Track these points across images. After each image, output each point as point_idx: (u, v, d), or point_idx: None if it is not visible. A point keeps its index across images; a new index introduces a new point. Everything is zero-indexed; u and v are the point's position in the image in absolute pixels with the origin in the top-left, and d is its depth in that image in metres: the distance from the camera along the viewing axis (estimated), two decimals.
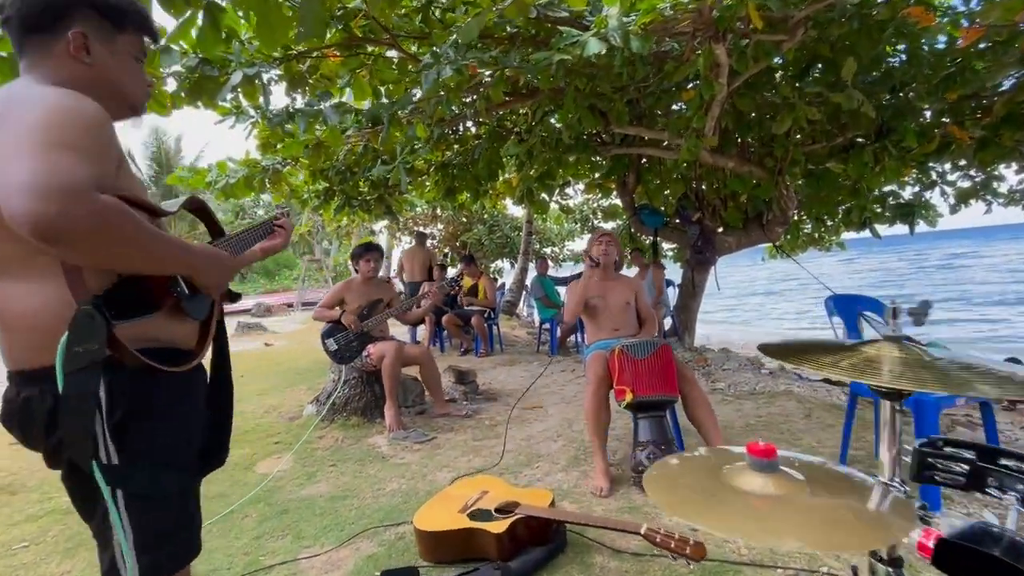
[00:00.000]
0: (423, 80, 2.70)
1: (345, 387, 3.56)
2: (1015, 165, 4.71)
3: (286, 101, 3.50)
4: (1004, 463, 0.73)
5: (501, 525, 1.70)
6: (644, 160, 5.58)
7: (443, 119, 4.31)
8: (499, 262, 13.53)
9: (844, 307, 2.42)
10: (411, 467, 2.72)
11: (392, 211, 5.85)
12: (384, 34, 3.16)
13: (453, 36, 2.80)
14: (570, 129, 4.19)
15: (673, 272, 6.65)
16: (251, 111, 3.53)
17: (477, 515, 1.78)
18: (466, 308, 6.37)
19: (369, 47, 3.39)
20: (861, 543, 0.64)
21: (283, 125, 3.39)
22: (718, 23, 2.85)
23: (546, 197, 5.75)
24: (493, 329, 6.59)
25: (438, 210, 11.70)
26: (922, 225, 5.65)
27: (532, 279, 7.12)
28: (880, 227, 5.64)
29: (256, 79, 2.92)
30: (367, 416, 3.50)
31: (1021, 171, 4.85)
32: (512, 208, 12.05)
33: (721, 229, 5.51)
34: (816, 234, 6.93)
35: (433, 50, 2.78)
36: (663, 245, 7.29)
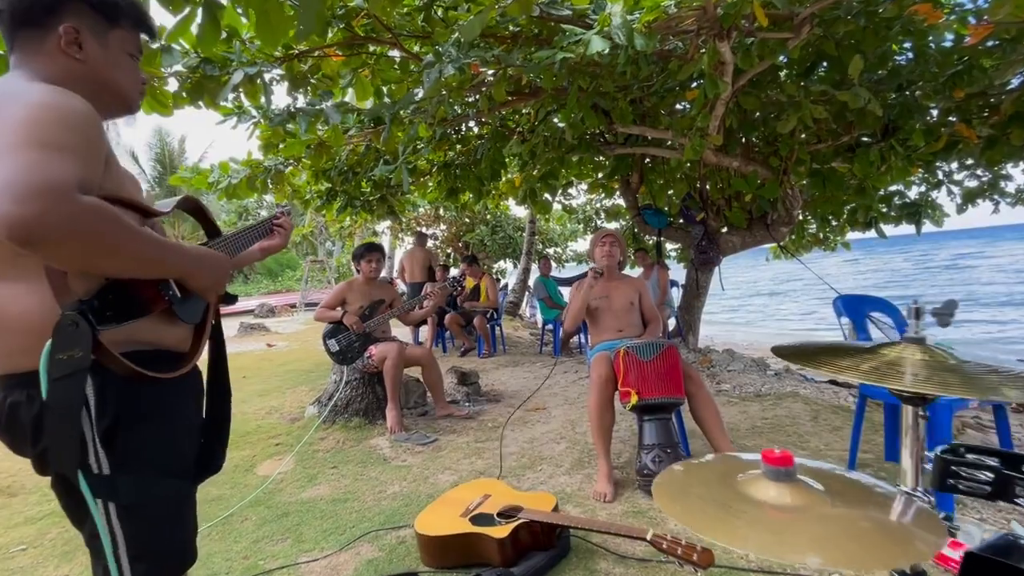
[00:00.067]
0: (425, 79, 2.67)
1: (347, 388, 3.54)
2: (1023, 164, 4.66)
3: (288, 101, 3.48)
4: None
5: (504, 530, 1.67)
6: (648, 160, 5.54)
7: (445, 119, 4.29)
8: (502, 263, 13.51)
9: (853, 308, 2.38)
10: (413, 469, 2.69)
11: (394, 211, 5.83)
12: (386, 33, 3.14)
13: (455, 34, 2.78)
14: (573, 128, 4.15)
15: (677, 273, 6.61)
16: (253, 111, 3.51)
17: (479, 519, 1.75)
18: (469, 310, 6.34)
19: (371, 46, 3.37)
20: (887, 560, 0.59)
21: (284, 125, 3.37)
22: (723, 20, 2.82)
23: (549, 197, 5.72)
24: (496, 330, 6.56)
25: (441, 211, 11.69)
26: (927, 225, 5.61)
27: (535, 280, 7.09)
28: (886, 227, 5.60)
29: (258, 79, 2.90)
30: (369, 418, 3.48)
31: None
32: (515, 208, 12.04)
33: (725, 229, 5.47)
34: (821, 234, 6.88)
35: (435, 48, 2.76)
36: (667, 245, 7.25)
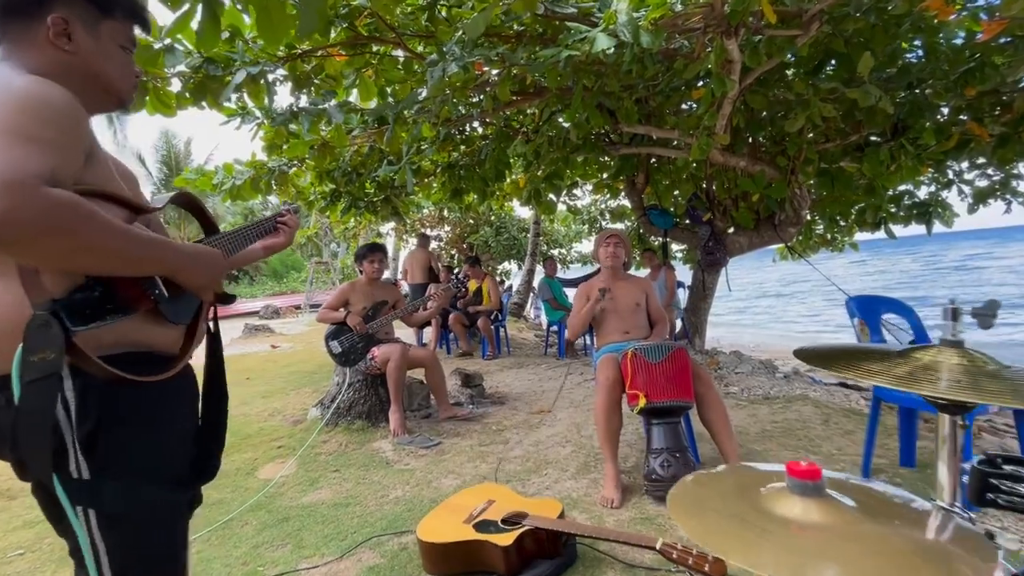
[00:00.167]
0: (428, 77, 2.64)
1: (349, 390, 3.50)
2: None
3: (290, 101, 3.46)
4: None
5: (508, 537, 1.62)
6: (653, 160, 5.49)
7: (449, 119, 4.26)
8: (506, 264, 13.48)
9: (866, 308, 2.32)
10: (416, 473, 2.66)
11: (398, 212, 5.81)
12: (390, 33, 3.11)
13: (459, 32, 2.75)
14: (578, 128, 4.11)
15: (682, 274, 6.55)
16: (257, 112, 3.49)
17: (483, 526, 1.71)
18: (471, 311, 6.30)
19: (375, 46, 3.35)
20: None
21: (287, 125, 3.34)
22: (730, 18, 2.77)
23: (553, 198, 5.68)
24: (500, 331, 6.52)
25: (445, 212, 11.67)
26: (936, 225, 5.53)
27: (539, 281, 7.04)
28: (895, 227, 5.52)
29: (260, 79, 2.88)
30: (371, 420, 3.44)
31: None
32: (519, 210, 12.01)
33: (732, 230, 5.41)
34: (828, 235, 6.80)
35: (439, 47, 2.73)
36: (672, 246, 7.20)
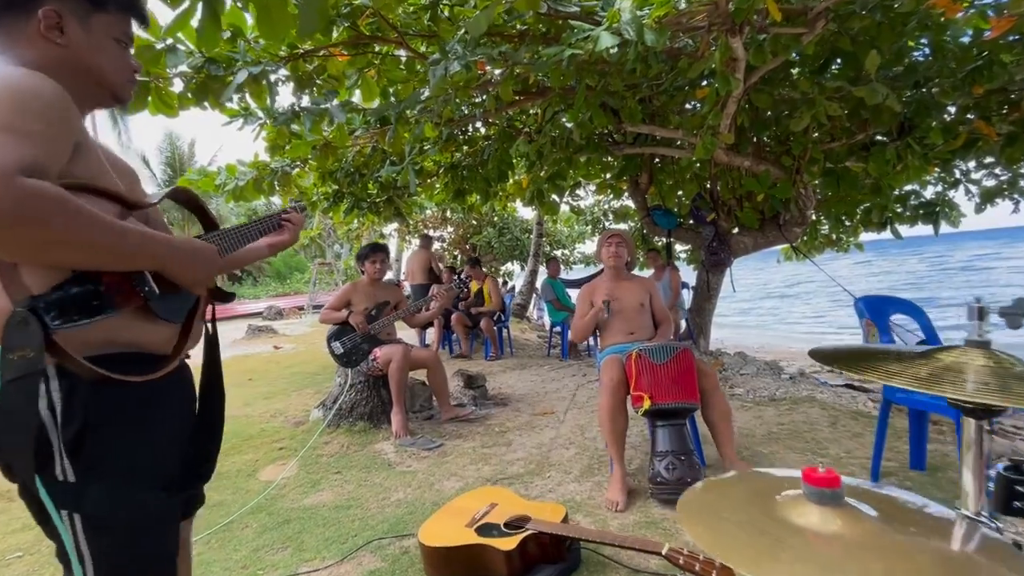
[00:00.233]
0: (430, 76, 2.62)
1: (351, 391, 3.48)
2: None
3: (292, 101, 3.45)
4: None
5: (511, 542, 1.59)
6: (657, 160, 5.46)
7: (452, 119, 4.24)
8: (509, 265, 13.46)
9: (875, 309, 2.29)
10: (418, 475, 2.63)
11: (401, 213, 5.79)
12: (392, 32, 3.09)
13: (461, 31, 2.73)
14: (581, 128, 4.08)
15: (686, 274, 6.52)
16: (259, 113, 3.48)
17: (485, 530, 1.68)
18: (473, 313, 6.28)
19: (377, 46, 3.33)
20: None
21: (289, 124, 3.33)
22: (735, 15, 2.74)
23: (556, 198, 5.65)
24: (503, 332, 6.50)
25: (448, 213, 11.66)
26: (943, 226, 5.47)
27: (543, 281, 7.01)
28: (901, 228, 5.47)
29: (262, 79, 2.86)
30: (374, 421, 3.42)
31: None
32: (522, 210, 12.00)
33: (736, 230, 5.37)
34: (834, 235, 6.75)
35: (441, 46, 2.71)
36: (676, 247, 7.15)
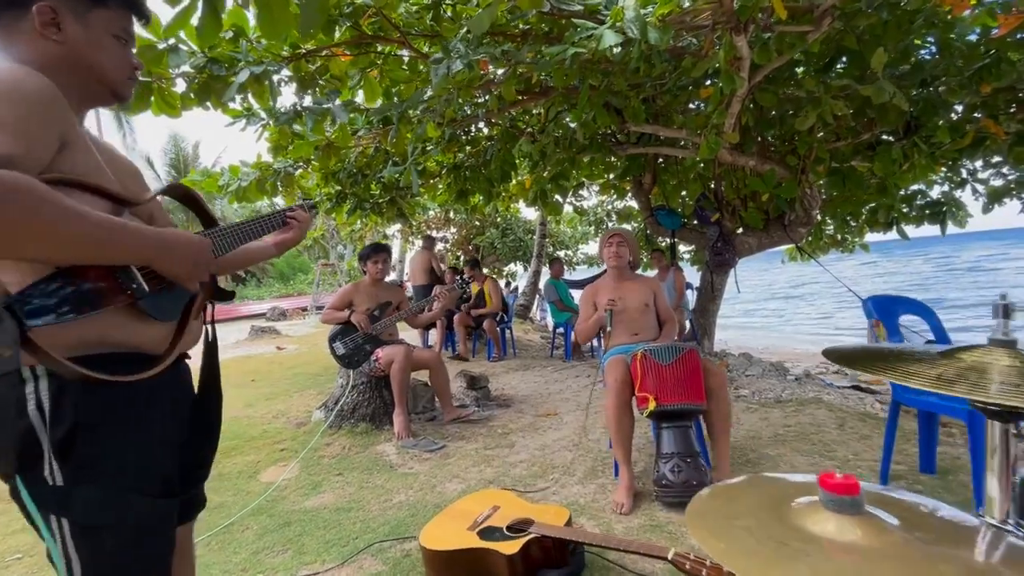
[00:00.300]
0: (433, 75, 2.60)
1: (353, 392, 3.47)
2: None
3: (294, 101, 3.44)
4: None
5: (514, 545, 1.57)
6: (661, 160, 5.43)
7: (455, 119, 4.23)
8: (512, 265, 13.45)
9: (884, 309, 2.25)
10: (420, 477, 2.61)
11: (404, 214, 5.78)
12: (394, 32, 3.08)
13: (464, 29, 2.71)
14: (584, 128, 4.06)
15: (690, 275, 6.48)
16: (262, 113, 3.47)
17: (487, 533, 1.66)
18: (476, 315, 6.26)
19: (379, 46, 3.31)
20: None
21: (291, 123, 3.32)
22: (739, 13, 2.72)
23: (560, 199, 5.63)
24: (506, 333, 6.47)
25: (451, 214, 11.65)
26: (950, 226, 5.42)
27: (545, 282, 6.99)
28: (907, 228, 5.42)
29: (264, 79, 2.85)
30: (375, 423, 3.40)
31: None
32: (525, 211, 11.97)
33: (741, 230, 5.33)
34: (839, 235, 6.70)
35: (443, 44, 2.69)
36: (680, 247, 7.12)
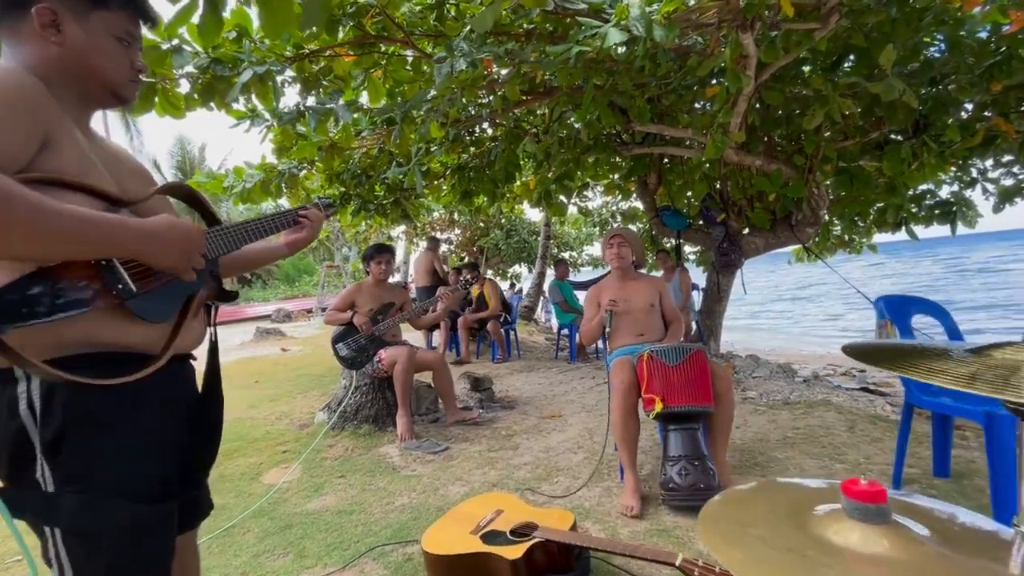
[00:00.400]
0: (436, 74, 2.58)
1: (356, 394, 3.45)
2: None
3: (298, 102, 3.43)
4: None
5: (517, 550, 1.54)
6: (666, 160, 5.39)
7: (458, 119, 4.21)
8: (516, 267, 13.43)
9: (897, 309, 2.21)
10: (422, 480, 2.58)
11: (408, 215, 5.76)
12: (398, 32, 3.06)
13: (467, 28, 2.69)
14: (589, 128, 4.03)
15: (696, 276, 6.43)
16: (266, 115, 3.47)
17: (491, 537, 1.63)
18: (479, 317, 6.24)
19: (383, 46, 3.30)
20: None
21: (294, 124, 3.31)
22: (746, 11, 2.68)
23: (564, 200, 5.59)
24: (510, 334, 6.44)
25: (455, 215, 11.65)
26: (959, 227, 5.35)
27: (550, 283, 6.96)
28: (916, 228, 5.35)
29: (268, 79, 2.84)
30: (378, 424, 3.37)
31: None
32: (529, 212, 11.96)
33: (747, 230, 5.28)
34: (846, 236, 6.63)
35: (447, 43, 2.67)
36: (685, 248, 7.07)
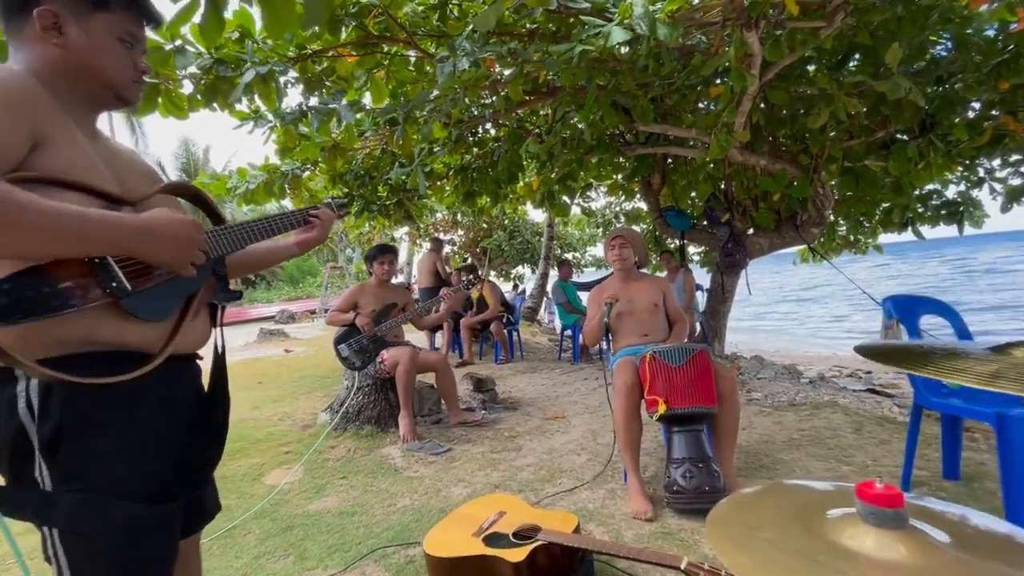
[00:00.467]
0: (439, 73, 2.57)
1: (359, 394, 3.44)
2: None
3: (300, 102, 3.43)
4: None
5: (520, 553, 1.52)
6: (670, 160, 5.37)
7: (461, 120, 4.20)
8: (520, 268, 13.42)
9: (905, 309, 2.18)
10: (425, 481, 2.57)
11: (411, 216, 5.76)
12: (401, 32, 3.06)
13: (470, 27, 2.68)
14: (592, 128, 4.02)
15: (700, 277, 6.40)
16: (269, 116, 3.47)
17: (493, 540, 1.61)
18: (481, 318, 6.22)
19: (385, 46, 3.30)
20: None
21: (297, 124, 3.30)
22: (750, 9, 2.66)
23: (567, 200, 5.58)
24: (513, 335, 6.42)
25: (458, 216, 11.64)
26: (966, 227, 5.30)
27: (553, 284, 6.94)
28: (923, 228, 5.31)
29: (270, 79, 2.84)
30: (381, 425, 3.36)
31: None
32: (533, 213, 11.95)
33: (752, 231, 5.25)
34: (852, 236, 6.58)
35: (449, 43, 2.66)
36: (689, 249, 7.04)
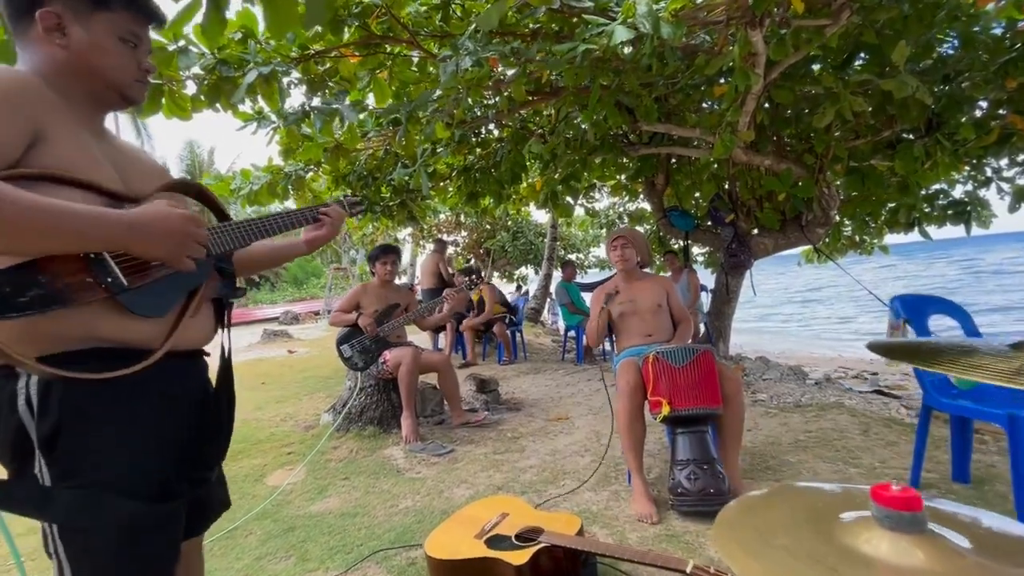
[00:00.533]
0: (441, 72, 2.56)
1: (361, 395, 3.43)
2: None
3: (303, 102, 3.43)
4: None
5: (522, 555, 1.50)
6: (674, 160, 5.35)
7: (464, 120, 4.19)
8: (523, 268, 13.41)
9: (914, 309, 2.16)
10: (427, 482, 2.55)
11: (414, 217, 5.76)
12: (403, 32, 3.05)
13: (473, 26, 2.67)
14: (596, 128, 4.00)
15: (704, 278, 6.37)
16: (272, 116, 3.47)
17: (495, 542, 1.59)
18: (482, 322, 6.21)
19: (388, 46, 3.29)
20: None
21: (299, 124, 3.30)
22: (754, 7, 2.65)
23: (571, 201, 5.56)
24: (516, 336, 6.41)
25: (462, 217, 11.65)
26: (973, 227, 5.26)
27: (557, 285, 6.93)
28: (930, 228, 5.26)
29: (273, 79, 2.84)
30: (383, 426, 3.35)
31: None
32: (536, 214, 11.94)
33: (756, 231, 5.22)
34: (857, 237, 6.53)
35: (452, 42, 2.65)
36: (693, 249, 7.01)
